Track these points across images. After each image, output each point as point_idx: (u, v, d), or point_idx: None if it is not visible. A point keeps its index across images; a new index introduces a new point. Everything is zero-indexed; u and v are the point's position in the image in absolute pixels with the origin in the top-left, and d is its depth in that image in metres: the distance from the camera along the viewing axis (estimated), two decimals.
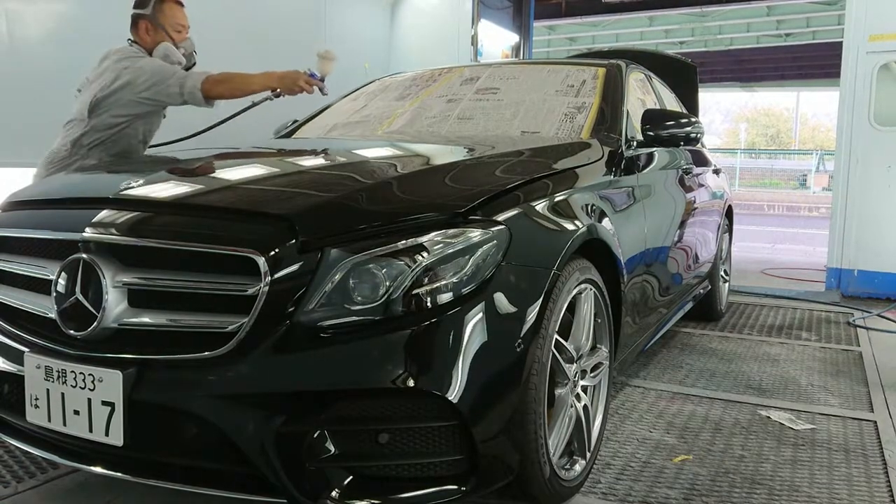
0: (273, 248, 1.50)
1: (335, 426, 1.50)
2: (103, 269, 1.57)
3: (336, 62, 3.14)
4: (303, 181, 1.96)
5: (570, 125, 2.66)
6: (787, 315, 4.66)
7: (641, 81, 3.31)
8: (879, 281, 5.27)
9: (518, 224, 1.71)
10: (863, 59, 5.25)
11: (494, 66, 3.50)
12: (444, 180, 1.91)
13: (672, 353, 3.58)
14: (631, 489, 2.05)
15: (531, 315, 1.65)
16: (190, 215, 1.67)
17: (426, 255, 1.54)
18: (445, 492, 1.55)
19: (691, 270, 3.45)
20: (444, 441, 1.53)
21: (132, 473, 1.59)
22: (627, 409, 2.72)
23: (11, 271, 1.79)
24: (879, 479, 2.17)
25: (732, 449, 2.36)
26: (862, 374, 3.30)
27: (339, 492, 1.50)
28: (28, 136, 3.23)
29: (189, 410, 1.50)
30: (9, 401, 1.73)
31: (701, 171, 3.74)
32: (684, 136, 2.75)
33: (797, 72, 21.00)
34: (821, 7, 14.00)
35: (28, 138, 3.24)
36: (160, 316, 1.55)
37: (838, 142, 5.42)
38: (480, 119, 2.81)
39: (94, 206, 1.74)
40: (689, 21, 15.47)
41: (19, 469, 2.06)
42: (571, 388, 1.92)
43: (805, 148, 40.85)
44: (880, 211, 5.25)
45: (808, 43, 16.79)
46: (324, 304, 1.49)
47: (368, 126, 2.97)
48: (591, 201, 2.10)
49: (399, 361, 1.49)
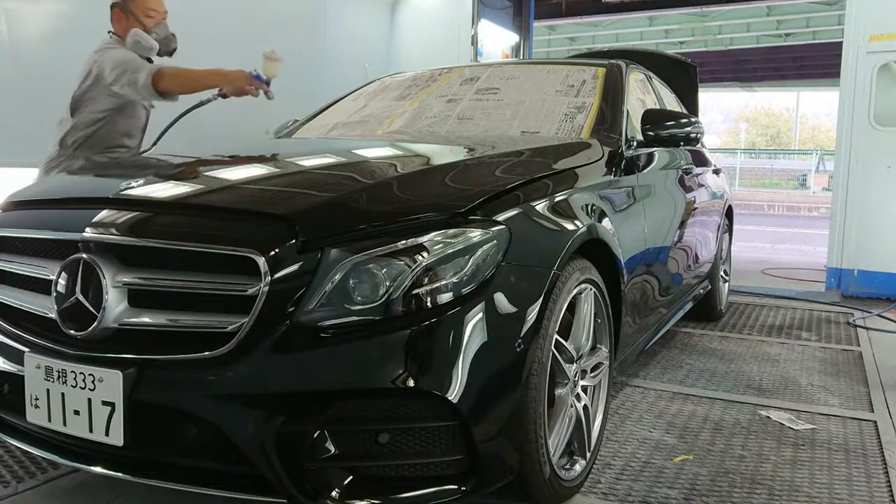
0: (273, 248, 1.50)
1: (335, 426, 1.50)
2: (103, 269, 1.57)
3: (282, 63, 3.04)
4: (303, 181, 1.96)
5: (570, 125, 2.66)
6: (787, 315, 4.66)
7: (641, 81, 3.31)
8: (879, 281, 5.27)
9: (518, 224, 1.71)
10: (863, 59, 5.25)
11: (494, 66, 3.50)
12: (444, 180, 1.91)
13: (672, 353, 3.57)
14: (631, 489, 2.05)
15: (531, 315, 1.65)
16: (190, 215, 1.67)
17: (426, 255, 1.54)
18: (445, 492, 1.55)
19: (691, 270, 3.45)
20: (444, 441, 1.53)
21: (132, 473, 1.59)
22: (627, 409, 2.72)
23: (12, 271, 1.79)
24: (879, 479, 2.17)
25: (732, 449, 2.36)
26: (862, 374, 3.30)
27: (339, 492, 1.50)
28: (28, 136, 3.23)
29: (189, 410, 1.51)
30: (9, 401, 1.73)
31: (701, 171, 3.74)
32: (684, 136, 2.75)
33: (797, 72, 21.00)
34: (821, 7, 14.01)
35: (28, 138, 3.24)
36: (160, 316, 1.55)
37: (838, 142, 5.42)
38: (480, 119, 2.81)
39: (95, 206, 1.74)
40: (689, 21, 15.48)
41: (19, 469, 2.06)
42: (571, 388, 1.92)
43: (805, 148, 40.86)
44: (880, 211, 5.25)
45: (808, 43, 16.80)
46: (324, 304, 1.49)
47: (368, 126, 2.97)
48: (591, 201, 2.10)
49: (399, 361, 1.49)
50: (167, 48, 3.10)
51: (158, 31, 3.05)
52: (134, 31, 2.97)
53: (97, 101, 2.89)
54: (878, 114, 5.23)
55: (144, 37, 2.98)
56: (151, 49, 3.00)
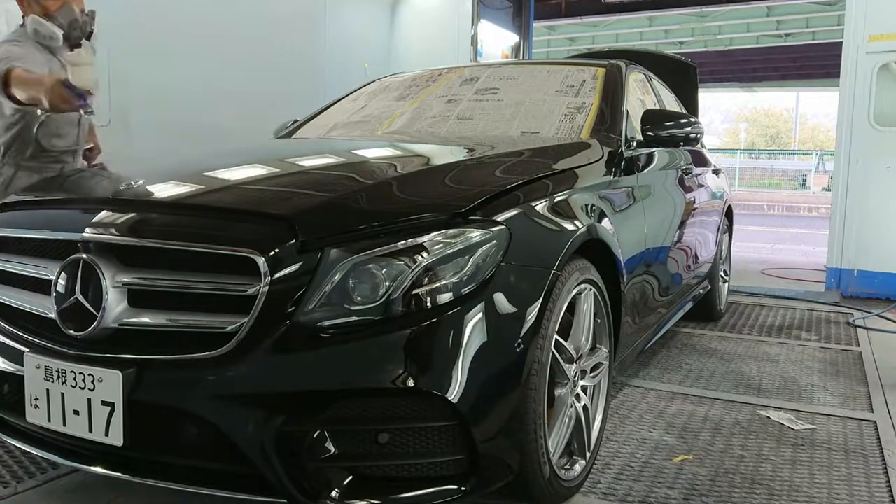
0: (273, 249, 1.50)
1: (335, 426, 1.50)
2: (103, 270, 1.57)
3: (92, 67, 2.46)
4: (303, 181, 1.96)
5: (570, 125, 2.66)
6: (786, 315, 4.66)
7: (641, 81, 3.31)
8: (879, 281, 5.27)
9: (518, 224, 1.71)
10: (863, 59, 5.25)
11: (494, 66, 3.50)
12: (444, 180, 1.92)
13: (672, 353, 3.58)
14: (631, 489, 2.05)
15: (531, 315, 1.65)
16: (190, 215, 1.67)
17: (426, 255, 1.54)
18: (445, 492, 1.55)
19: (691, 270, 3.46)
20: (443, 441, 1.53)
21: (132, 473, 1.59)
22: (627, 409, 2.72)
23: (11, 271, 1.79)
24: (879, 479, 2.17)
25: (732, 449, 2.36)
26: (862, 375, 3.30)
27: (339, 492, 1.50)
28: None
29: (189, 410, 1.50)
30: (9, 401, 1.73)
31: (701, 171, 3.74)
32: (684, 136, 2.75)
33: (797, 72, 20.99)
34: (821, 7, 14.00)
35: None
36: (160, 316, 1.55)
37: (838, 142, 5.42)
38: (480, 119, 2.81)
39: (94, 206, 1.74)
40: (688, 21, 15.47)
41: (19, 469, 2.06)
42: (571, 388, 1.92)
43: (805, 148, 40.87)
44: (880, 211, 5.25)
45: (808, 43, 16.78)
46: (324, 305, 1.49)
47: (368, 126, 2.97)
48: (591, 201, 2.10)
49: (399, 361, 1.49)
50: (77, 33, 2.68)
51: (62, 16, 2.66)
52: (31, 17, 2.65)
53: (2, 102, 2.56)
54: (878, 114, 5.23)
55: (42, 24, 2.64)
56: (52, 37, 2.65)
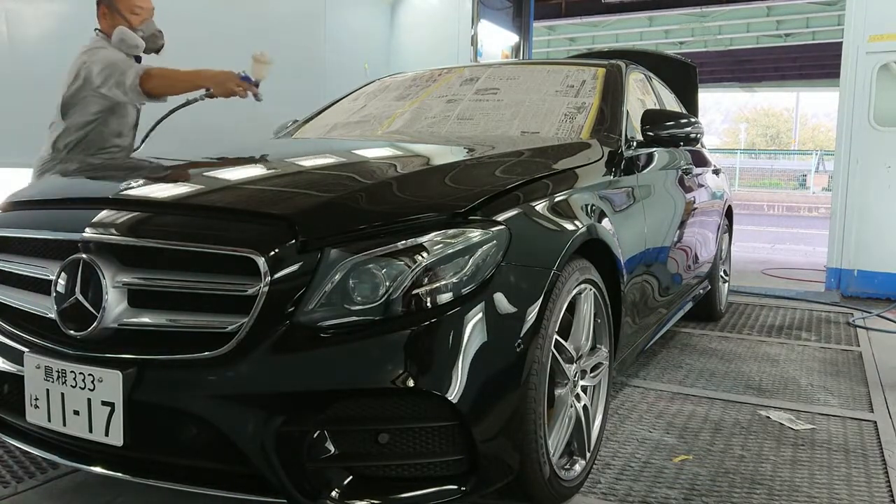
0: (273, 249, 1.50)
1: (335, 426, 1.50)
2: (103, 270, 1.57)
3: (271, 66, 3.00)
4: (303, 181, 1.96)
5: (570, 125, 2.66)
6: (786, 315, 4.66)
7: (641, 81, 3.31)
8: (879, 281, 5.27)
9: (518, 224, 1.71)
10: (863, 59, 5.26)
11: (494, 66, 3.50)
12: (444, 180, 1.91)
13: (672, 353, 3.58)
14: (631, 489, 2.05)
15: (531, 315, 1.65)
16: (190, 215, 1.67)
17: (426, 255, 1.54)
18: (445, 492, 1.55)
19: (691, 270, 3.46)
20: (443, 441, 1.53)
21: (132, 473, 1.59)
22: (627, 409, 2.72)
23: (11, 271, 1.79)
24: (879, 479, 2.17)
25: (732, 449, 2.36)
26: (862, 375, 3.30)
27: (339, 492, 1.50)
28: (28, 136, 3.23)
29: (189, 410, 1.50)
30: (9, 401, 1.73)
31: (701, 171, 3.74)
32: (684, 136, 2.75)
33: (797, 72, 20.99)
34: (821, 7, 14.00)
35: (28, 139, 3.24)
36: (160, 316, 1.55)
37: (838, 142, 5.42)
38: (480, 119, 2.81)
39: (94, 206, 1.74)
40: (688, 21, 15.47)
41: (19, 469, 2.06)
42: (571, 388, 1.92)
43: (805, 148, 40.88)
44: (880, 211, 5.25)
45: (808, 43, 16.79)
46: (324, 305, 1.49)
47: (368, 126, 2.97)
48: (591, 201, 2.10)
49: (399, 361, 1.49)
50: (154, 45, 3.04)
51: (145, 29, 2.98)
52: (119, 28, 2.92)
53: (87, 104, 2.86)
54: (877, 114, 5.23)
55: (130, 35, 2.93)
56: (137, 47, 2.95)
